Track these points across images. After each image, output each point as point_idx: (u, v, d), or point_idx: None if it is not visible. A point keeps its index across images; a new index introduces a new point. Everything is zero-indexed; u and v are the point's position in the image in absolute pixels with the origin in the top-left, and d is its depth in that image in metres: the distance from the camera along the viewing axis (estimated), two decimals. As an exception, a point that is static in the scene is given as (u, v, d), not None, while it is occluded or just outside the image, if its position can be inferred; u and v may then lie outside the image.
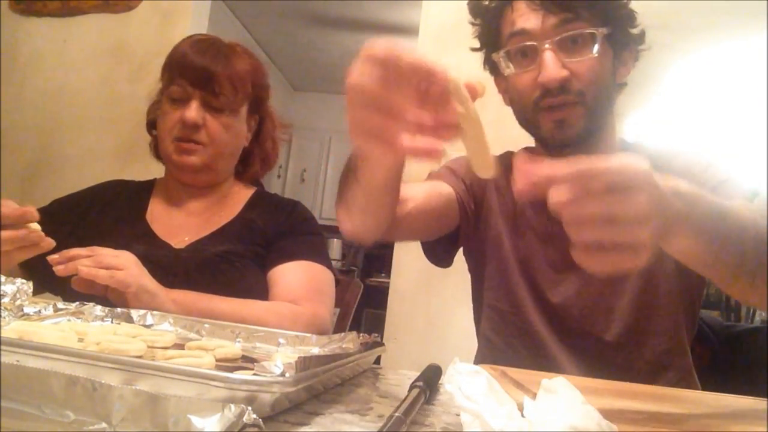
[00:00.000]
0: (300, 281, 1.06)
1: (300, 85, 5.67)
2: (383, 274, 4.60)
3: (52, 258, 0.82)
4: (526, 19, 0.90)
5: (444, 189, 1.01)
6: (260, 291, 1.06)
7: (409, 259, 2.15)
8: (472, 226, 1.03)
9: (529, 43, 0.89)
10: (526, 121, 0.95)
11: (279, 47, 4.80)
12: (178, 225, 1.12)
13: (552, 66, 0.87)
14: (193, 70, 1.08)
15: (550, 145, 0.94)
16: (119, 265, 0.83)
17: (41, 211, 1.12)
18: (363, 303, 1.55)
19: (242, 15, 4.30)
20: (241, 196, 1.20)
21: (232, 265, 1.06)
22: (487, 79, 1.03)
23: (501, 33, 0.95)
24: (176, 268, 1.02)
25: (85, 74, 2.40)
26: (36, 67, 2.43)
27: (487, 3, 0.98)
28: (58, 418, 0.34)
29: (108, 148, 2.33)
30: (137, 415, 0.33)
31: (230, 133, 1.12)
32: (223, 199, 1.18)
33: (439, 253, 1.08)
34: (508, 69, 0.94)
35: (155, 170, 1.24)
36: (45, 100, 2.40)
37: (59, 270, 0.81)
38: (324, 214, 5.35)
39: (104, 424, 0.33)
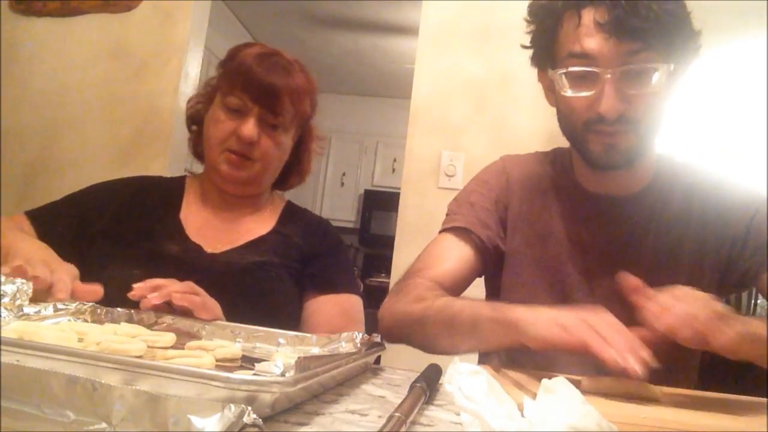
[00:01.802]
0: (338, 314, 1.10)
1: (300, 85, 5.67)
2: (383, 274, 4.60)
3: (141, 291, 0.81)
4: (592, 40, 0.85)
5: (465, 254, 0.99)
6: (293, 302, 1.08)
7: (409, 259, 2.14)
8: (498, 257, 1.03)
9: (591, 69, 0.86)
10: (574, 137, 0.94)
11: (279, 47, 4.75)
12: (212, 231, 1.13)
13: (613, 98, 0.85)
14: (258, 87, 1.06)
15: (595, 166, 0.94)
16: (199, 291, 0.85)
17: (75, 197, 1.16)
18: (363, 303, 1.55)
19: (242, 15, 4.30)
20: (274, 207, 1.21)
21: (268, 274, 1.07)
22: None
23: (559, 43, 0.91)
24: (213, 273, 1.02)
25: (85, 74, 2.39)
26: (36, 67, 2.43)
27: (547, 3, 0.92)
28: (58, 418, 0.34)
29: (108, 148, 2.33)
30: (137, 415, 0.33)
31: (280, 149, 1.12)
32: (258, 210, 1.19)
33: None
34: (565, 91, 0.90)
35: (155, 170, 1.25)
36: (45, 100, 2.40)
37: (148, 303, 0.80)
38: (323, 214, 5.35)
39: (104, 424, 0.33)
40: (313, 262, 1.14)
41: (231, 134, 1.07)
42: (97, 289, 0.82)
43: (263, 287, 1.05)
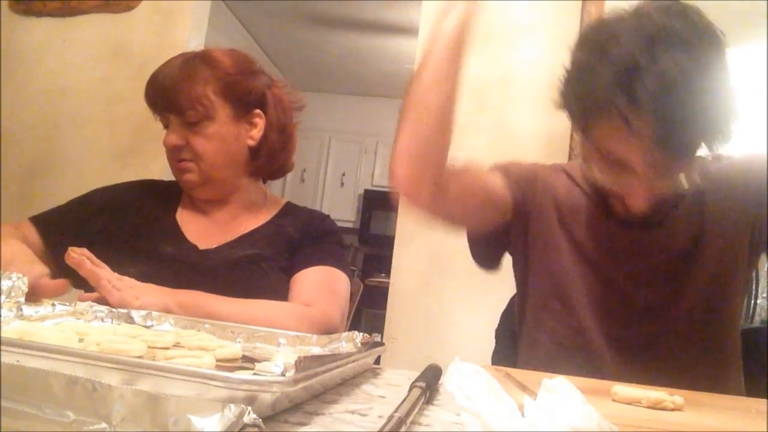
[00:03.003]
0: (314, 283, 1.08)
1: (300, 85, 5.59)
2: (383, 274, 4.60)
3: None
4: (634, 151, 0.81)
5: (495, 178, 1.00)
6: (284, 294, 1.08)
7: (409, 259, 2.15)
8: (523, 223, 1.02)
9: (626, 168, 0.83)
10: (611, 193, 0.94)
11: (279, 47, 4.80)
12: (208, 230, 1.14)
13: (643, 197, 0.85)
14: (154, 98, 1.11)
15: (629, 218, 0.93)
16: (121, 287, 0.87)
17: (75, 202, 1.18)
18: (363, 303, 1.56)
19: (242, 15, 4.30)
20: (272, 207, 1.22)
21: (259, 267, 1.08)
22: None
23: (598, 132, 0.84)
24: (204, 269, 1.05)
25: (85, 74, 2.40)
26: (36, 67, 2.43)
27: (596, 97, 0.81)
28: (58, 418, 0.33)
29: (108, 148, 2.33)
30: (137, 415, 0.33)
31: (215, 141, 1.10)
32: (253, 209, 1.19)
33: (486, 253, 1.08)
34: (593, 172, 0.89)
35: (155, 170, 1.25)
36: (45, 99, 2.40)
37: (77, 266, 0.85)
38: (324, 214, 5.35)
39: (104, 424, 0.33)
40: (303, 245, 1.14)
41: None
42: (58, 285, 0.86)
43: (252, 280, 1.06)
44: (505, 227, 1.03)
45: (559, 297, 0.99)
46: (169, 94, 1.08)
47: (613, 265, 0.97)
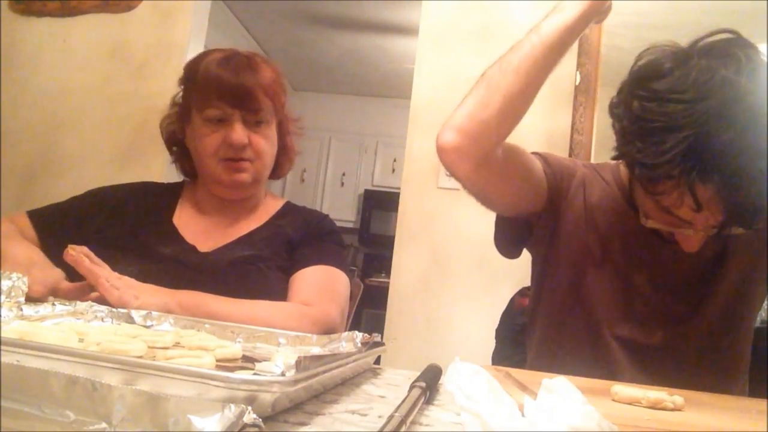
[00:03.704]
0: (314, 283, 1.08)
1: (300, 85, 5.67)
2: (383, 274, 4.60)
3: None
4: (699, 217, 0.81)
5: (537, 161, 1.00)
6: (283, 294, 1.08)
7: (409, 259, 2.15)
8: (553, 215, 1.01)
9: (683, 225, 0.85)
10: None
11: (279, 47, 4.80)
12: (207, 232, 1.14)
13: (698, 241, 0.86)
14: (232, 91, 1.07)
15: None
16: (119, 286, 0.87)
17: (74, 200, 1.18)
18: (363, 303, 1.56)
19: (242, 15, 4.30)
20: (271, 207, 1.23)
21: (258, 267, 1.08)
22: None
23: (660, 192, 0.82)
24: (203, 270, 1.05)
25: (85, 74, 2.40)
26: (36, 67, 2.43)
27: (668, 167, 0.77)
28: (58, 418, 0.34)
29: (108, 148, 2.33)
30: (137, 415, 0.33)
31: (270, 142, 1.15)
32: (254, 210, 1.20)
33: (510, 239, 1.07)
34: (643, 219, 0.90)
35: (155, 170, 1.25)
36: (45, 100, 2.40)
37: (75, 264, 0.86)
38: (324, 214, 5.35)
39: (104, 424, 0.33)
40: (302, 245, 1.14)
41: (221, 144, 1.09)
42: (79, 288, 0.87)
43: (252, 280, 1.06)
44: (535, 216, 1.02)
45: (577, 294, 0.98)
46: (250, 90, 1.08)
47: (636, 269, 0.97)
